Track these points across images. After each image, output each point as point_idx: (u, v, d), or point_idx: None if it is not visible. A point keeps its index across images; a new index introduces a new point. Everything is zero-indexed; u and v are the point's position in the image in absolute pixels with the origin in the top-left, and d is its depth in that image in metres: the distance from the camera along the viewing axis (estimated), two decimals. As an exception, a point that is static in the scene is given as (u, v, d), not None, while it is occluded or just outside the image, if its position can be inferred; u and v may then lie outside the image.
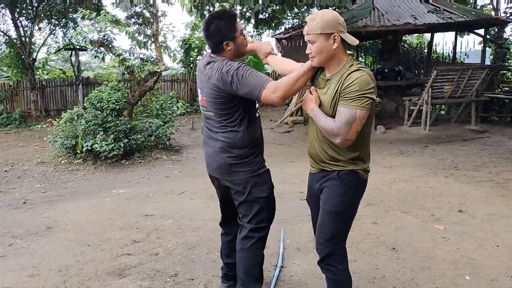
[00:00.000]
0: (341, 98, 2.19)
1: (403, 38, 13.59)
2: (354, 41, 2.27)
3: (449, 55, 13.58)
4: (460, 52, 13.12)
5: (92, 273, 3.41)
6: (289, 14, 15.76)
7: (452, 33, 12.39)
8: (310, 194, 2.60)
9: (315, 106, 2.30)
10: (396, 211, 4.68)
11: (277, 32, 13.69)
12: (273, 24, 14.11)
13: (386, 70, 10.83)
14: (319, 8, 11.88)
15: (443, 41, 24.81)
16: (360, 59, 15.33)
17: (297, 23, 15.51)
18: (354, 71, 2.20)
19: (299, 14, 15.85)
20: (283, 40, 10.27)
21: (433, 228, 4.18)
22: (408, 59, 14.19)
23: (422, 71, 13.08)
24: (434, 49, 13.95)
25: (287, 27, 14.31)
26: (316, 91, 2.36)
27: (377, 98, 12.55)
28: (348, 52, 2.34)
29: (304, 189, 5.50)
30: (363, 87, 2.15)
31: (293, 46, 9.95)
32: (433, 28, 11.04)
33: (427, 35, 14.58)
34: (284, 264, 3.48)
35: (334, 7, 9.70)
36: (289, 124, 11.34)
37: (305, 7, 11.06)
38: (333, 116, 2.23)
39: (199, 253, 3.76)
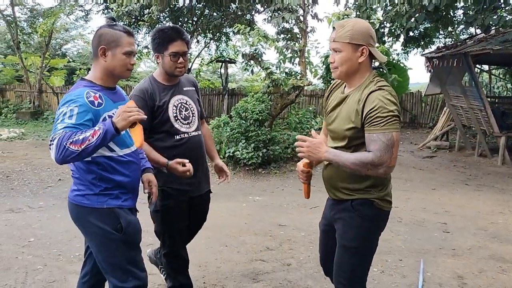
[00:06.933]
0: (370, 124, 1.92)
1: None
2: (382, 58, 2.04)
3: None
4: None
5: (228, 273, 3.56)
6: (441, 33, 14.83)
7: None
8: (324, 217, 2.41)
9: (328, 148, 2.05)
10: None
11: (426, 51, 12.98)
12: (423, 43, 13.39)
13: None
14: (477, 28, 10.92)
15: None
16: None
17: (450, 42, 14.53)
18: (375, 90, 1.94)
19: (453, 33, 14.81)
20: (434, 60, 9.66)
21: None
22: None
23: None
24: None
25: (438, 46, 13.50)
26: (317, 133, 2.14)
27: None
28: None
29: (448, 220, 5.09)
30: (389, 106, 1.90)
31: (444, 66, 9.29)
32: None
33: None
34: (424, 298, 3.22)
35: (498, 27, 8.83)
36: (431, 149, 10.60)
37: (463, 25, 10.25)
38: (346, 135, 2.02)
39: (332, 270, 3.68)
